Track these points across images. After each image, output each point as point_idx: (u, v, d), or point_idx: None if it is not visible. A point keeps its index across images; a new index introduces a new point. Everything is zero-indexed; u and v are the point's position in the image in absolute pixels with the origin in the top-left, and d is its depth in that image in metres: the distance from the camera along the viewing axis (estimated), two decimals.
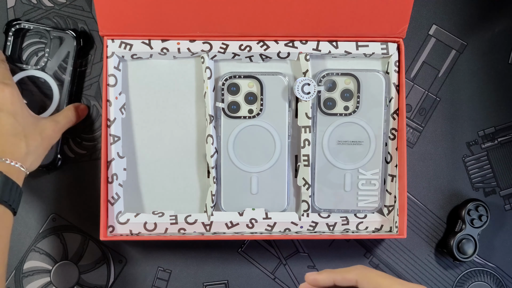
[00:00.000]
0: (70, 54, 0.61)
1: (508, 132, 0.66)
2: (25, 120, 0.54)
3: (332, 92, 0.60)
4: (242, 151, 0.60)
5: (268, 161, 0.60)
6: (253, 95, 0.59)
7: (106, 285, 0.63)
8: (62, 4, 0.63)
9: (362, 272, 0.43)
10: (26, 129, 0.53)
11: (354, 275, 0.43)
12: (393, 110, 0.60)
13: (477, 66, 0.66)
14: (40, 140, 0.54)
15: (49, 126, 0.56)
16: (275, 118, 0.60)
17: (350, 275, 0.43)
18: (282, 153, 0.60)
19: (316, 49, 0.60)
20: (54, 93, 0.61)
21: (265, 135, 0.60)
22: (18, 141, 0.52)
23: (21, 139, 0.52)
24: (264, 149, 0.60)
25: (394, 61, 0.60)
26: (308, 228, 0.60)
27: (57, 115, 0.59)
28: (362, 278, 0.42)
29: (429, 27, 0.66)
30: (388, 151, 0.61)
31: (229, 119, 0.60)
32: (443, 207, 0.65)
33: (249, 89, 0.59)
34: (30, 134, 0.53)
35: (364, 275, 0.42)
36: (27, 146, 0.53)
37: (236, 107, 0.60)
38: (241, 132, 0.60)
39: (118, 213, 0.60)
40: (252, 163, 0.60)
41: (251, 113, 0.60)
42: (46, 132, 0.56)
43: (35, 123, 0.55)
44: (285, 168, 0.60)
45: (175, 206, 0.62)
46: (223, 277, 0.64)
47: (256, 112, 0.59)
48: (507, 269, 0.66)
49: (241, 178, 0.60)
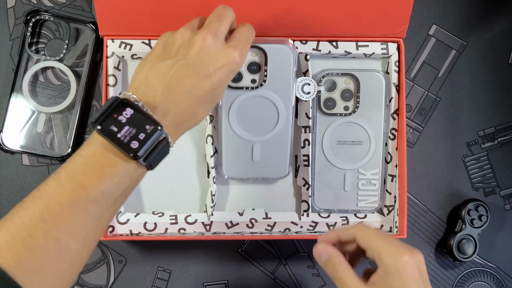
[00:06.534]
0: (89, 46, 0.62)
1: (508, 132, 0.66)
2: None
3: (332, 92, 0.60)
4: (244, 121, 0.58)
5: (270, 130, 0.58)
6: (257, 64, 0.57)
7: (106, 285, 0.63)
8: (62, 4, 0.63)
9: (360, 228, 0.45)
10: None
11: (353, 230, 0.45)
12: (393, 110, 0.60)
13: (477, 66, 0.66)
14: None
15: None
16: (279, 89, 0.57)
17: (350, 230, 0.46)
18: (286, 123, 0.58)
19: (316, 49, 0.60)
20: (72, 85, 0.62)
21: (268, 105, 0.57)
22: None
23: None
24: (267, 119, 0.58)
25: (394, 61, 0.60)
26: (308, 228, 0.60)
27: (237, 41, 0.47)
28: (359, 234, 0.45)
29: (429, 27, 0.66)
30: (388, 151, 0.61)
31: (231, 90, 0.57)
32: (443, 207, 0.65)
33: (253, 59, 0.57)
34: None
35: (361, 231, 0.45)
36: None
37: (238, 77, 0.57)
38: (243, 102, 0.57)
39: (118, 213, 0.60)
40: (254, 132, 0.58)
41: (254, 83, 0.57)
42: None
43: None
44: (287, 137, 0.58)
45: (175, 206, 0.62)
46: (223, 277, 0.64)
47: (259, 82, 0.57)
48: (507, 269, 0.66)
49: (243, 146, 0.59)
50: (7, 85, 0.62)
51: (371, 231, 0.44)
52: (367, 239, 0.44)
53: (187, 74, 0.43)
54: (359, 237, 0.44)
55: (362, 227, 0.45)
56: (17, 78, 0.61)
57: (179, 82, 0.43)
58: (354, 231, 0.45)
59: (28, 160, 0.62)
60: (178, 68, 0.43)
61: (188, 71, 0.43)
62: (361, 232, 0.45)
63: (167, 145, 0.43)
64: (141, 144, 0.40)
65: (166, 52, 0.45)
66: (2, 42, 0.63)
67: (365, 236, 0.44)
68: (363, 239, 0.44)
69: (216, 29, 0.45)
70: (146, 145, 0.40)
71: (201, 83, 0.43)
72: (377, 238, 0.43)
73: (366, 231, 0.45)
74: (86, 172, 0.40)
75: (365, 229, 0.45)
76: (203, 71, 0.43)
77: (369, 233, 0.44)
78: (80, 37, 0.62)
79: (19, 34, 0.62)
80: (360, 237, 0.44)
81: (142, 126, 0.40)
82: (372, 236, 0.44)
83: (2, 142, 0.60)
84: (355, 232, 0.45)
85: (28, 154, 0.61)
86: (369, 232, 0.44)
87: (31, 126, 0.61)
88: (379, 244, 0.43)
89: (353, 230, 0.45)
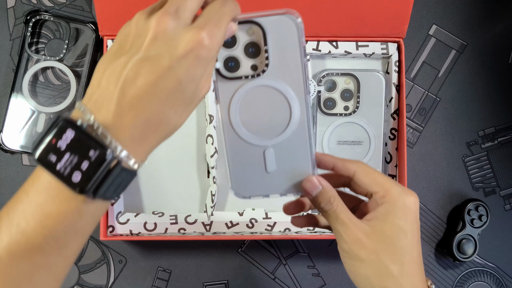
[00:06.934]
0: (89, 46, 0.62)
1: (508, 132, 0.66)
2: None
3: (332, 92, 0.60)
4: (249, 120, 0.43)
5: (283, 130, 0.43)
6: (255, 45, 0.41)
7: (106, 285, 0.63)
8: (62, 4, 0.63)
9: (361, 165, 0.42)
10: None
11: (354, 166, 0.41)
12: (393, 110, 0.60)
13: (477, 66, 0.66)
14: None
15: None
16: (286, 73, 0.42)
17: (351, 165, 0.42)
18: (301, 116, 0.43)
19: (316, 49, 0.60)
20: (72, 85, 0.62)
21: (276, 97, 0.43)
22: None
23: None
24: (277, 115, 0.43)
25: (394, 61, 0.60)
26: (308, 228, 0.60)
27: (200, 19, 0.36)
28: (360, 170, 0.41)
29: (429, 27, 0.66)
30: (388, 151, 0.61)
31: (227, 81, 0.42)
32: (443, 207, 0.65)
33: (249, 38, 0.41)
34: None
35: (363, 168, 0.41)
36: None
37: (235, 64, 0.41)
38: (245, 96, 0.42)
39: (118, 213, 0.60)
40: (263, 134, 0.43)
41: (255, 70, 0.42)
42: None
43: None
44: (305, 136, 0.43)
45: (175, 206, 0.62)
46: (223, 277, 0.64)
47: (261, 68, 0.41)
48: (507, 269, 0.66)
49: (251, 153, 0.44)
50: (7, 85, 0.62)
51: (374, 170, 0.41)
52: (372, 176, 0.40)
53: (143, 71, 0.33)
54: (361, 173, 0.41)
55: (363, 164, 0.42)
56: (17, 78, 0.61)
57: (135, 82, 0.33)
58: (354, 167, 0.41)
59: (28, 160, 0.62)
60: (132, 65, 0.33)
61: (144, 67, 0.33)
62: (362, 168, 0.41)
63: (124, 171, 0.33)
64: (85, 176, 0.32)
65: (121, 47, 0.36)
66: (2, 42, 0.63)
67: (369, 173, 0.41)
68: (365, 175, 0.41)
69: (176, 8, 0.34)
70: (92, 177, 0.32)
71: (162, 80, 0.33)
72: (382, 175, 0.41)
73: (367, 167, 0.41)
74: (26, 214, 0.33)
75: (366, 166, 0.41)
76: (162, 64, 0.33)
77: (371, 170, 0.41)
78: (80, 37, 0.62)
79: (19, 34, 0.63)
80: (361, 172, 0.41)
81: (85, 151, 0.32)
82: (376, 173, 0.41)
83: (2, 142, 0.60)
84: (356, 167, 0.41)
85: (28, 154, 0.62)
86: (371, 169, 0.41)
87: (31, 126, 0.61)
88: (385, 181, 0.40)
89: (353, 165, 0.41)
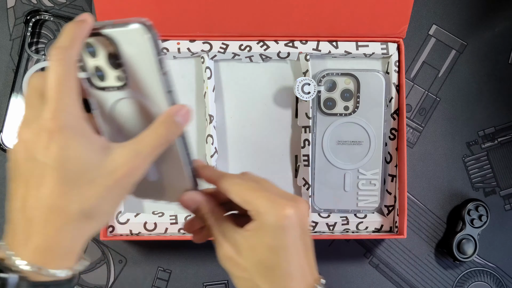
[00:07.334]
0: None
1: (508, 132, 0.66)
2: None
3: (332, 92, 0.60)
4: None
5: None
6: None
7: (106, 285, 0.63)
8: (62, 4, 0.63)
9: (234, 185, 0.38)
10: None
11: (226, 185, 0.38)
12: (393, 110, 0.60)
13: (477, 66, 0.66)
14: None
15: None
16: (144, 87, 0.36)
17: (224, 184, 0.38)
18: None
19: (316, 49, 0.60)
20: None
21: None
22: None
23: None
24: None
25: (394, 61, 0.60)
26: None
27: (141, 137, 0.35)
28: (231, 189, 0.38)
29: (429, 27, 0.66)
30: (388, 151, 0.61)
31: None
32: (443, 207, 0.65)
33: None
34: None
35: (234, 188, 0.38)
36: None
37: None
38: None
39: (118, 213, 0.60)
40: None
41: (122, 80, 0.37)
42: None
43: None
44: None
45: (175, 206, 0.61)
46: (223, 277, 0.64)
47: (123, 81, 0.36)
48: (507, 269, 0.66)
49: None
50: (7, 85, 0.62)
51: (246, 185, 0.37)
52: (241, 195, 0.37)
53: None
54: (231, 192, 0.37)
55: (238, 182, 0.38)
56: (17, 78, 0.61)
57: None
58: (226, 186, 0.38)
59: None
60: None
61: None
62: (234, 187, 0.37)
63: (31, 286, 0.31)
64: None
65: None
66: (2, 42, 0.63)
67: (239, 192, 0.37)
68: (236, 195, 0.37)
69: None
70: None
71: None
72: (253, 192, 0.37)
73: (240, 186, 0.37)
74: None
75: (238, 184, 0.38)
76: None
77: (243, 188, 0.37)
78: None
79: (19, 34, 0.62)
80: (232, 192, 0.37)
81: None
82: (247, 191, 0.37)
83: (2, 142, 0.60)
84: (228, 187, 0.38)
85: None
86: (244, 187, 0.37)
87: None
88: (255, 199, 0.36)
89: (225, 184, 0.38)
